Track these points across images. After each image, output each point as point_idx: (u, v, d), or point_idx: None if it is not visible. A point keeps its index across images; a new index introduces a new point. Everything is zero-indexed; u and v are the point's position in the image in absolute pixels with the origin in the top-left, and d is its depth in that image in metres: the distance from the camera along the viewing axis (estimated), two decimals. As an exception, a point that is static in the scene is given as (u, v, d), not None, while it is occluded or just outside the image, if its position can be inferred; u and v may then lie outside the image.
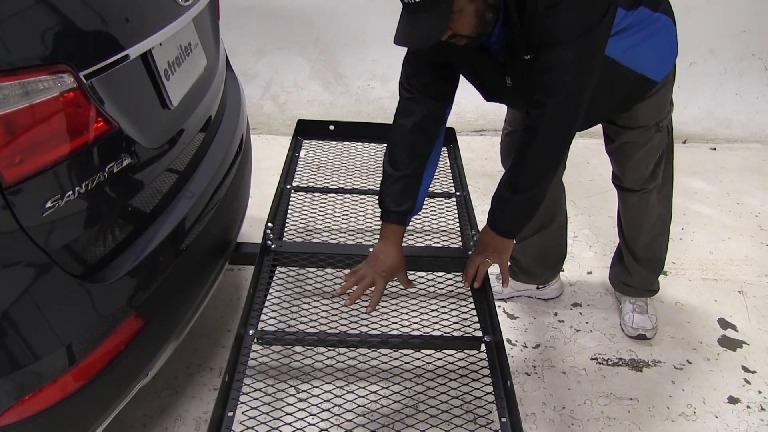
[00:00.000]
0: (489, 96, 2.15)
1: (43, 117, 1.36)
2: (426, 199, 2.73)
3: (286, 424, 1.80)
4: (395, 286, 2.12)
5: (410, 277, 2.16)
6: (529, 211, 2.00)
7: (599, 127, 2.41)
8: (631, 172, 2.43)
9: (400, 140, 2.09)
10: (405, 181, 2.08)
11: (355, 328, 2.08)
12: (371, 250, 2.25)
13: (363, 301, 2.04)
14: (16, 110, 1.29)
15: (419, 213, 2.67)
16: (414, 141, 2.07)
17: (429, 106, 2.05)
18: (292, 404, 2.05)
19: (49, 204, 1.37)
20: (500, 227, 2.03)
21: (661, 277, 2.82)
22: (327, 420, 1.97)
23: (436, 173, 2.20)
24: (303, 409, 2.08)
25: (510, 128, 2.55)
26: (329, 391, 2.23)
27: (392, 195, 2.09)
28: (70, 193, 1.42)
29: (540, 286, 2.89)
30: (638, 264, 2.69)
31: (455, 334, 2.14)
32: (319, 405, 2.17)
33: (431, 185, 2.22)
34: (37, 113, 1.34)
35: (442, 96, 2.07)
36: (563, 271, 2.97)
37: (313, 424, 1.87)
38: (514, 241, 2.72)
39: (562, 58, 1.73)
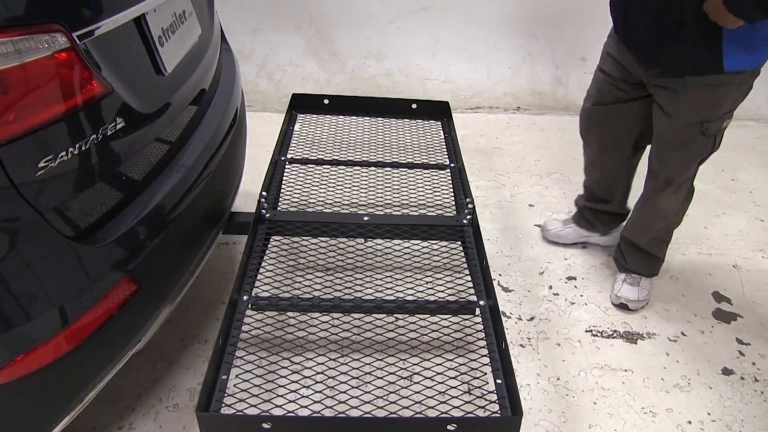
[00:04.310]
0: None
1: (35, 76, 1.35)
2: (421, 171, 2.74)
3: (280, 387, 1.80)
4: (390, 255, 2.11)
5: (405, 245, 2.15)
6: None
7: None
8: (665, 167, 2.42)
9: None
10: None
11: (350, 294, 2.08)
12: (366, 219, 2.25)
13: (359, 268, 2.04)
14: (8, 68, 1.28)
15: (415, 186, 2.68)
16: None
17: None
18: (286, 367, 2.05)
19: (42, 163, 1.36)
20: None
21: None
22: (321, 383, 1.97)
23: (430, 146, 2.18)
24: (297, 372, 2.08)
25: (587, 104, 2.60)
26: (324, 355, 2.24)
27: None
28: (63, 153, 1.41)
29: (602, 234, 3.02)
30: (639, 254, 2.72)
31: (450, 299, 2.14)
32: (314, 368, 2.17)
33: (426, 158, 2.19)
34: (29, 72, 1.33)
35: None
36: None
37: (307, 396, 1.87)
38: None
39: None
